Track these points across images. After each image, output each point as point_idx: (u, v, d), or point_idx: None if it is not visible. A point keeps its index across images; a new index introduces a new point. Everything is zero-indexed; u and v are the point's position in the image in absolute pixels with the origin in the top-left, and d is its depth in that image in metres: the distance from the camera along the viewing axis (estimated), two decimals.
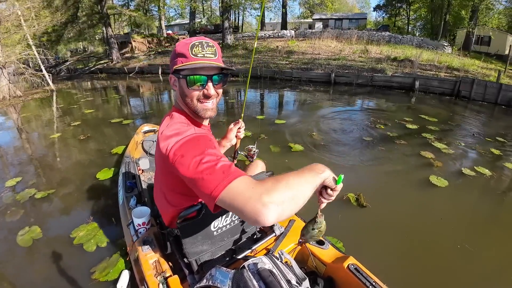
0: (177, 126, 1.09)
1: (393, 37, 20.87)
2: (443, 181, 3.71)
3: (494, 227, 2.98)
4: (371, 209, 3.11)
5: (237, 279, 1.13)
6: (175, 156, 0.95)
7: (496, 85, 9.12)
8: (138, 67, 17.61)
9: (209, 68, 1.10)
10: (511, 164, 4.36)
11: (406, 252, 2.57)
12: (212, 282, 1.19)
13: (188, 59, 1.07)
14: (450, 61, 13.85)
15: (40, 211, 3.27)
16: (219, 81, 1.15)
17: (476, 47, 22.67)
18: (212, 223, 1.34)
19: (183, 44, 1.09)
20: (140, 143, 3.66)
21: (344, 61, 14.28)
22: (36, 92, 11.82)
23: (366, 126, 6.20)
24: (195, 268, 1.36)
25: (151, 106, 9.40)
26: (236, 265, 1.42)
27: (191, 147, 0.95)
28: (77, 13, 18.66)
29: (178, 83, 1.15)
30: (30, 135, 6.27)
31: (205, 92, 1.12)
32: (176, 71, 1.10)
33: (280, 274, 1.16)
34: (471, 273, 2.36)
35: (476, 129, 6.27)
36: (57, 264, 2.45)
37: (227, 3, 19.53)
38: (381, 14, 40.14)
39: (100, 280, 2.25)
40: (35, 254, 2.60)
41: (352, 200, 3.23)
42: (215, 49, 1.11)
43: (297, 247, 1.67)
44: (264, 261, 1.20)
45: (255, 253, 1.57)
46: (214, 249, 1.42)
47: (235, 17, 33.45)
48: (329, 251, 1.62)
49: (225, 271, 1.19)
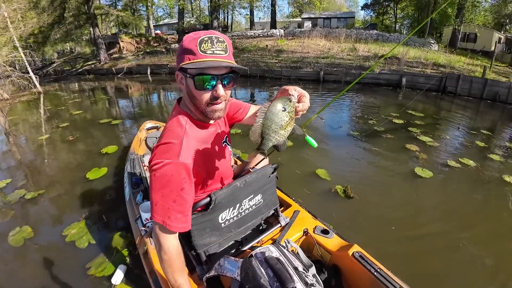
0: (167, 140, 1.08)
1: (380, 35, 21.11)
2: (428, 172, 3.83)
3: (477, 215, 3.11)
4: (357, 200, 3.20)
5: (246, 267, 1.15)
6: (150, 176, 1.04)
7: (481, 80, 9.34)
8: (127, 68, 17.42)
9: (220, 67, 1.01)
10: (496, 156, 4.50)
11: (391, 239, 2.67)
12: (221, 271, 1.22)
13: (196, 56, 0.97)
14: (436, 58, 14.07)
15: (30, 211, 3.27)
16: (230, 82, 1.08)
17: (463, 44, 23.01)
18: (220, 215, 1.36)
19: (191, 38, 1.00)
20: (144, 140, 3.69)
21: (333, 59, 14.39)
22: (23, 94, 11.64)
23: (354, 122, 6.32)
24: (204, 259, 1.37)
25: (140, 106, 9.35)
26: (244, 255, 1.45)
27: (157, 183, 1.02)
28: (64, 13, 18.39)
29: (185, 81, 1.07)
30: (18, 138, 6.19)
31: (214, 94, 1.04)
32: (182, 68, 1.02)
33: (287, 262, 1.17)
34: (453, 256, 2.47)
35: (462, 123, 6.44)
36: (51, 262, 2.47)
37: (216, 3, 19.52)
38: (369, 13, 40.49)
39: (96, 276, 2.27)
40: (28, 253, 2.61)
41: (339, 192, 3.32)
42: (226, 45, 1.02)
43: (303, 237, 1.68)
44: (271, 250, 1.22)
45: (262, 243, 1.59)
46: (222, 241, 1.43)
47: (224, 16, 33.41)
48: (333, 239, 1.64)
49: (233, 260, 1.22)
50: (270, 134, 0.90)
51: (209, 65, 0.97)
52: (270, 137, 0.91)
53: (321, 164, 4.04)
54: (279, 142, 0.93)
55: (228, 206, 1.37)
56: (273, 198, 1.65)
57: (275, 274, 1.08)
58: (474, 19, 27.52)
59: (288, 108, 0.88)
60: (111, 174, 3.97)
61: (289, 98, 0.89)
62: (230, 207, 1.38)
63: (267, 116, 0.88)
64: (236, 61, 1.06)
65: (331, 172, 3.80)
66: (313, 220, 1.79)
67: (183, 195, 1.03)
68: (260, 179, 1.49)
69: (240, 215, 1.47)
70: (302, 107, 0.93)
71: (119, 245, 2.58)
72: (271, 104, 0.89)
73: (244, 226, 1.53)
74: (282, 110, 0.88)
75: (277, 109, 0.88)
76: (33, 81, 12.36)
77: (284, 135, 0.92)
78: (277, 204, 1.69)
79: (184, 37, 1.02)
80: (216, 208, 1.30)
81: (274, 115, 0.88)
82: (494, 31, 22.63)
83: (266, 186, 1.56)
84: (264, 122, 0.89)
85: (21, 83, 12.07)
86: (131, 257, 2.43)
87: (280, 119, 0.88)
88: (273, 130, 0.89)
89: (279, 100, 0.89)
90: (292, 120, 0.91)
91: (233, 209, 1.41)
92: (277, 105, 0.88)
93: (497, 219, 3.05)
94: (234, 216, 1.43)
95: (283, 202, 1.99)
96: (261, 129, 0.91)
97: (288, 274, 1.08)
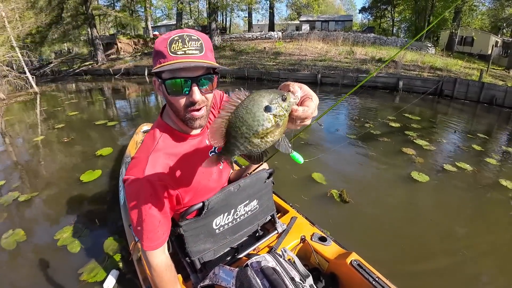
0: (136, 155, 1.06)
1: (378, 39, 21.24)
2: (424, 177, 3.82)
3: (474, 218, 3.13)
4: (353, 204, 3.20)
5: (241, 277, 1.12)
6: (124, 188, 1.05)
7: (478, 84, 9.40)
8: (124, 69, 17.39)
9: (193, 68, 0.89)
10: (493, 160, 4.51)
11: (387, 243, 2.67)
12: (216, 281, 1.19)
13: (167, 59, 0.86)
14: (433, 62, 14.13)
15: (23, 214, 3.25)
16: (207, 84, 0.94)
17: (460, 48, 23.19)
18: (214, 221, 1.32)
19: (161, 39, 0.89)
20: (140, 143, 3.67)
21: (330, 62, 14.43)
22: (19, 95, 11.59)
23: (350, 125, 6.34)
24: (198, 267, 1.34)
25: (137, 107, 9.32)
26: (239, 263, 1.42)
27: (128, 201, 1.01)
28: (62, 14, 18.35)
29: (161, 87, 0.95)
30: (14, 139, 6.15)
31: (189, 99, 0.92)
32: (156, 73, 0.92)
33: (284, 272, 1.15)
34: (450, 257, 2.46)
35: (458, 127, 6.46)
36: (42, 266, 2.45)
37: (215, 5, 19.51)
38: (367, 16, 40.70)
39: (88, 281, 2.25)
40: (20, 257, 2.59)
41: (335, 196, 3.31)
42: (201, 43, 0.90)
43: (300, 244, 1.65)
44: (267, 259, 1.20)
45: (258, 251, 1.55)
46: (217, 247, 1.40)
47: (222, 18, 33.43)
48: (331, 247, 1.61)
49: (228, 269, 1.19)
50: (237, 139, 0.60)
51: (178, 67, 0.84)
52: (236, 143, 0.61)
53: (317, 168, 4.03)
54: (250, 153, 0.64)
55: (222, 211, 1.33)
56: (270, 204, 1.62)
57: (271, 285, 1.06)
58: (471, 23, 27.70)
59: (275, 108, 0.57)
60: (105, 177, 3.95)
61: (283, 94, 0.58)
62: (224, 213, 1.35)
63: (238, 111, 0.58)
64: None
65: (327, 177, 3.80)
66: (311, 227, 1.77)
67: (151, 212, 0.99)
68: (255, 184, 1.45)
69: (236, 221, 1.43)
70: (303, 112, 0.60)
71: (112, 250, 2.56)
72: (249, 95, 0.59)
73: (240, 232, 1.49)
74: (263, 110, 0.57)
75: (255, 105, 0.57)
76: (29, 81, 12.30)
77: (260, 146, 0.61)
78: (274, 210, 1.66)
79: (157, 39, 0.93)
80: (209, 213, 1.26)
81: (248, 114, 0.57)
82: (491, 34, 22.85)
83: (262, 191, 1.52)
84: (232, 118, 0.59)
85: (17, 83, 12.01)
86: (124, 263, 2.40)
87: (257, 122, 0.57)
88: (243, 135, 0.59)
89: (265, 92, 0.59)
90: (279, 128, 0.59)
91: (228, 215, 1.37)
92: (257, 99, 0.58)
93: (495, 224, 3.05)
94: (229, 222, 1.39)
95: (280, 208, 1.96)
96: (226, 127, 0.61)
97: (284, 284, 1.06)
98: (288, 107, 0.58)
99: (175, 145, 1.08)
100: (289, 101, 0.58)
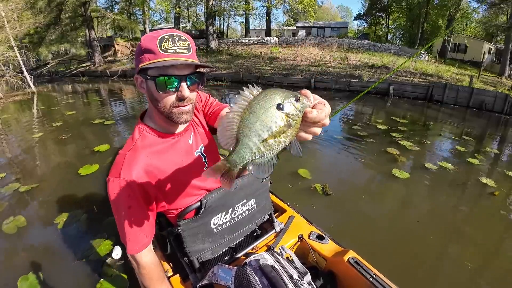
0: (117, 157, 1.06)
1: (372, 45, 21.68)
2: (405, 174, 4.03)
3: (450, 213, 3.32)
4: (334, 196, 3.42)
5: (240, 275, 1.13)
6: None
7: (468, 89, 9.64)
8: (121, 71, 17.51)
9: (183, 66, 0.93)
10: (475, 160, 4.70)
11: (361, 230, 2.90)
12: (214, 280, 1.19)
13: (157, 56, 0.89)
14: (425, 68, 14.46)
15: (24, 203, 3.40)
16: (195, 82, 0.99)
17: (453, 55, 23.58)
18: (212, 220, 1.33)
19: (150, 37, 0.91)
20: None
21: (324, 67, 14.71)
22: (16, 94, 11.70)
23: (339, 127, 6.56)
24: (197, 266, 1.35)
25: (133, 108, 9.48)
26: (238, 262, 1.43)
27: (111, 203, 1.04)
28: (60, 15, 18.50)
29: (146, 85, 0.98)
30: (11, 136, 6.29)
31: (179, 95, 0.96)
32: (142, 70, 0.94)
33: (282, 269, 1.15)
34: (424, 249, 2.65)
35: (445, 130, 6.69)
36: (43, 247, 2.62)
37: (212, 9, 19.82)
38: (362, 23, 41.31)
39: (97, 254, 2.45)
40: (21, 240, 2.74)
41: (318, 190, 3.53)
42: (189, 43, 0.95)
43: (298, 243, 1.67)
44: (266, 257, 1.20)
45: (256, 250, 1.55)
46: (215, 247, 1.40)
47: (220, 23, 33.78)
48: (329, 245, 1.62)
49: (227, 268, 1.20)
50: (250, 138, 0.55)
51: (171, 64, 0.89)
52: (249, 143, 0.56)
53: (303, 164, 4.23)
54: (261, 159, 0.58)
55: (220, 210, 1.34)
56: (267, 203, 1.63)
57: (270, 283, 1.07)
58: (464, 30, 28.19)
59: (288, 107, 0.55)
60: (102, 171, 4.11)
61: (296, 95, 0.57)
62: (222, 212, 1.36)
63: (251, 106, 0.55)
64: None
65: (312, 172, 4.00)
66: (308, 226, 1.78)
67: (131, 213, 1.02)
68: (253, 183, 1.46)
69: (234, 221, 1.44)
70: (316, 115, 0.57)
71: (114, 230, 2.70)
72: (262, 91, 0.57)
73: (238, 232, 1.50)
74: (276, 106, 0.54)
75: (269, 101, 0.55)
76: (27, 81, 12.42)
77: (273, 148, 0.57)
78: (272, 210, 1.68)
79: (143, 37, 0.95)
80: (207, 212, 1.27)
81: (262, 109, 0.54)
82: (484, 41, 23.22)
83: (260, 190, 1.53)
84: (243, 114, 0.56)
85: (15, 82, 12.12)
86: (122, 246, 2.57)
87: (271, 118, 0.54)
88: (256, 133, 0.55)
89: (279, 91, 0.57)
90: (291, 128, 0.56)
91: (226, 214, 1.38)
92: (271, 95, 0.55)
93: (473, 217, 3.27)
94: (227, 221, 1.40)
95: (277, 208, 1.97)
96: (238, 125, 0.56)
97: (283, 282, 1.07)
98: (301, 108, 0.56)
99: (155, 144, 1.10)
100: (303, 102, 0.57)
